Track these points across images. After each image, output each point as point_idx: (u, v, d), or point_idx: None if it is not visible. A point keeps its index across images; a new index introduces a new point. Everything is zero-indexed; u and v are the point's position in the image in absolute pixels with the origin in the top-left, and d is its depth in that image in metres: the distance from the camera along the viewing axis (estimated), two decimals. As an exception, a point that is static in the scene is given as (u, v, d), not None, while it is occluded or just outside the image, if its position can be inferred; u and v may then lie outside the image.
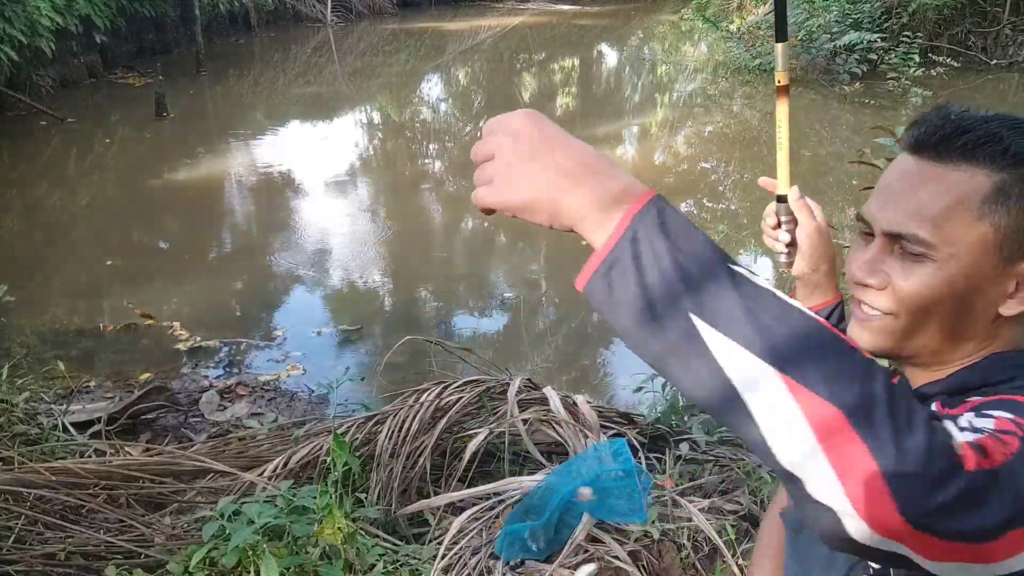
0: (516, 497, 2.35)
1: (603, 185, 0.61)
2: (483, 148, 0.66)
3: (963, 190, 0.77)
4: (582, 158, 0.62)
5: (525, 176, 0.62)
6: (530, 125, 0.64)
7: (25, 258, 5.66)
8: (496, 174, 0.64)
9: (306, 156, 8.21)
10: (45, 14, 8.99)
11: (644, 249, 0.58)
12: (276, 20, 16.27)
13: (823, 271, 1.12)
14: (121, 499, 2.57)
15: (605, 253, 0.59)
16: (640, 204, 0.60)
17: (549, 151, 0.63)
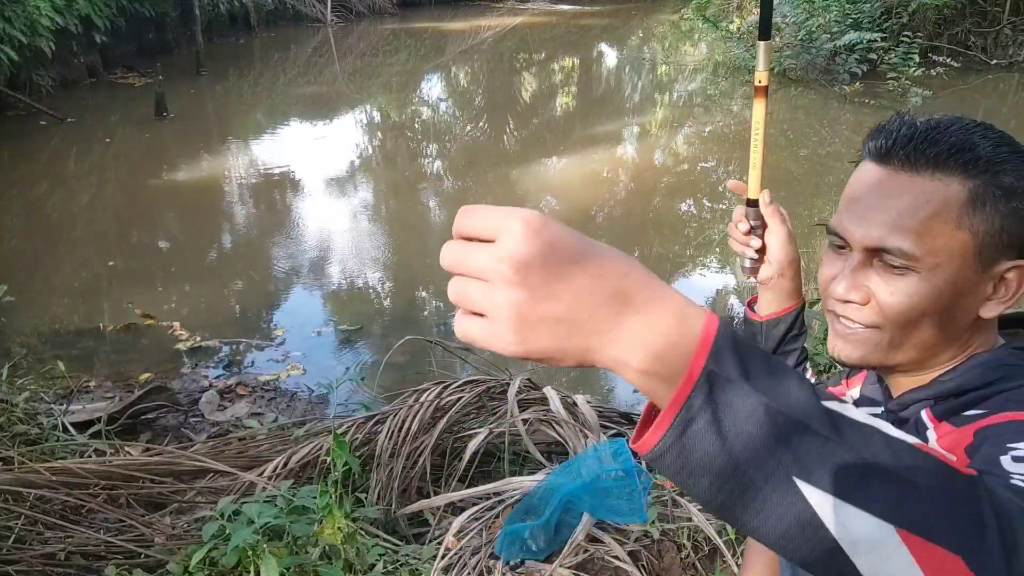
0: (516, 497, 2.35)
1: (649, 322, 0.47)
2: (465, 261, 0.48)
3: (941, 200, 0.76)
4: (616, 284, 0.47)
5: (540, 322, 0.46)
6: (538, 248, 0.46)
7: (25, 258, 5.66)
8: (494, 311, 0.47)
9: (306, 156, 8.21)
10: (45, 14, 8.99)
11: (724, 404, 0.46)
12: (276, 20, 16.27)
13: (789, 276, 1.11)
14: (121, 499, 2.57)
15: (672, 415, 0.46)
16: (706, 345, 0.47)
17: (569, 284, 0.47)
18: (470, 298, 0.48)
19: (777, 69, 10.43)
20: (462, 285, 0.48)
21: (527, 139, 9.68)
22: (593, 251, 0.49)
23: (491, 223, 0.47)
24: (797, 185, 7.12)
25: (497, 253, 0.47)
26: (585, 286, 0.47)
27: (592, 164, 7.99)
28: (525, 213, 0.47)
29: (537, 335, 0.47)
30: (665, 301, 0.48)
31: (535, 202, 7.10)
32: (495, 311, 0.47)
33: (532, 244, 0.46)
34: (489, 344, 0.48)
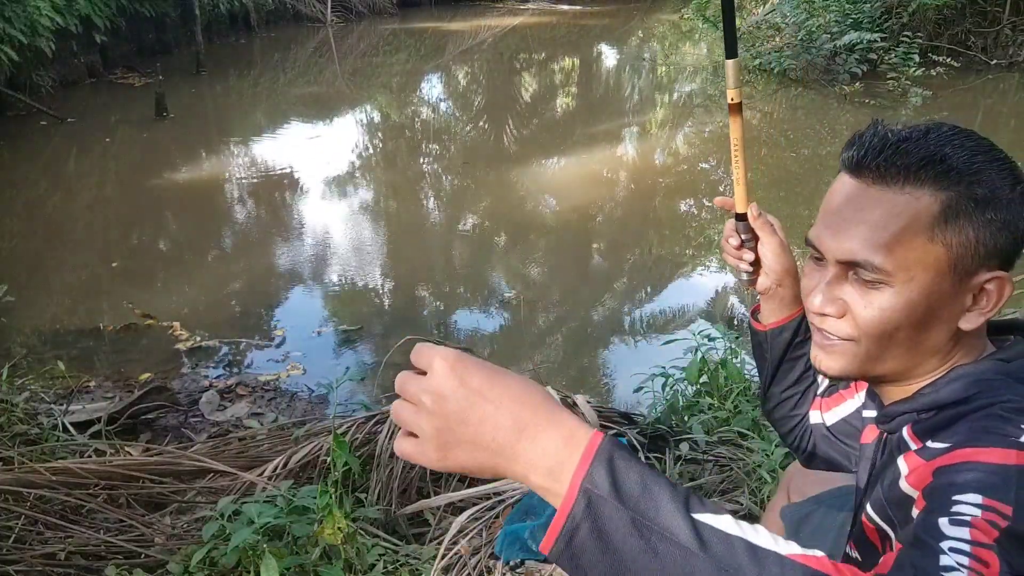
0: (516, 497, 2.35)
1: (541, 446, 0.56)
2: (402, 388, 0.60)
3: (912, 213, 0.76)
4: (513, 413, 0.57)
5: (456, 445, 0.57)
6: (453, 382, 0.57)
7: (25, 258, 5.66)
8: (420, 432, 0.58)
9: (306, 156, 8.21)
10: (45, 14, 8.99)
11: (599, 516, 0.54)
12: (276, 20, 16.26)
13: (787, 285, 1.11)
14: (121, 499, 2.57)
15: (559, 525, 0.55)
16: (585, 464, 0.55)
17: (474, 411, 0.57)
18: (404, 419, 0.59)
19: (777, 69, 10.43)
20: (401, 407, 0.60)
21: (527, 139, 9.68)
22: (497, 383, 0.58)
23: (425, 358, 0.59)
24: (797, 185, 7.13)
25: (422, 385, 0.58)
26: (489, 414, 0.57)
27: (592, 164, 7.98)
28: (443, 352, 0.58)
29: (455, 454, 0.58)
30: (554, 426, 0.57)
31: (535, 202, 7.10)
32: (421, 432, 0.58)
33: (447, 379, 0.58)
34: (418, 460, 0.59)
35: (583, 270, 5.80)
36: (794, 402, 1.16)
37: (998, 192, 0.76)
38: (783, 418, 1.18)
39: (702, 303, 4.98)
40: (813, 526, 1.30)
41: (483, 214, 6.88)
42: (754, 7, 12.82)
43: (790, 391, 1.16)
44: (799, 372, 1.15)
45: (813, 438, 1.16)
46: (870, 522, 0.83)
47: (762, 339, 1.16)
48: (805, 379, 1.16)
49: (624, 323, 4.95)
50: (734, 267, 1.12)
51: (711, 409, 2.92)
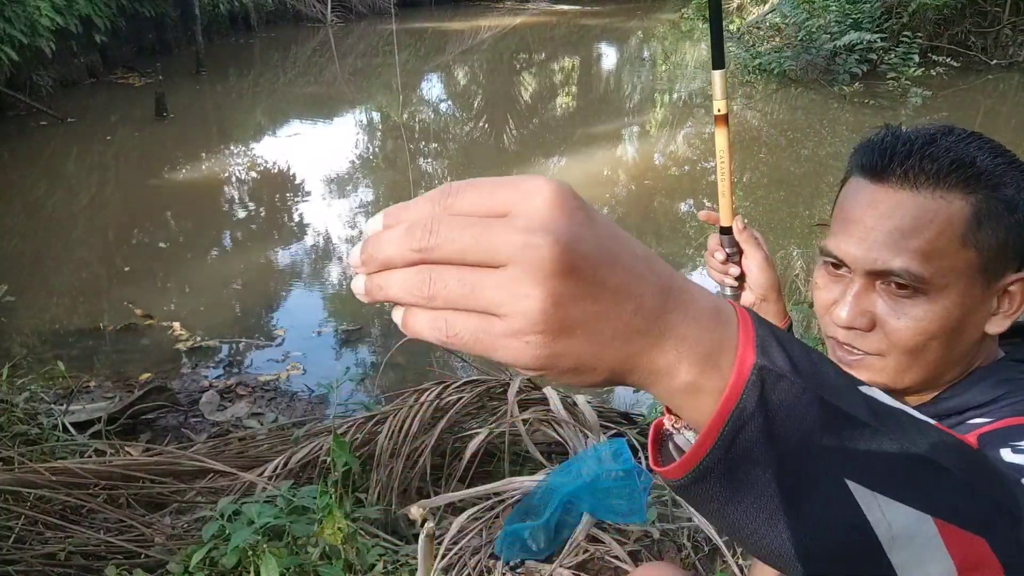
0: (516, 497, 2.35)
1: (694, 318, 0.39)
2: (480, 239, 0.37)
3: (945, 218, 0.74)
4: (658, 271, 0.39)
5: (580, 322, 0.37)
6: (581, 215, 0.37)
7: (25, 258, 5.65)
8: (515, 305, 0.36)
9: (306, 156, 8.21)
10: (45, 14, 8.99)
11: (777, 405, 0.40)
12: (276, 20, 16.26)
13: (772, 300, 1.08)
14: (121, 499, 2.57)
15: (719, 426, 0.39)
16: (750, 337, 0.40)
17: (622, 271, 0.37)
18: (476, 288, 0.37)
19: (777, 69, 10.42)
20: (461, 274, 0.37)
21: (527, 139, 9.68)
22: (627, 238, 0.39)
23: (510, 190, 0.37)
24: (797, 185, 7.12)
25: (530, 223, 0.36)
26: (633, 272, 0.38)
27: (592, 164, 7.99)
28: (554, 182, 0.37)
29: (571, 338, 0.37)
30: (698, 291, 0.40)
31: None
32: (517, 305, 0.36)
33: (575, 217, 0.37)
34: (497, 350, 0.37)
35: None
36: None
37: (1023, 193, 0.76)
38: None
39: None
40: None
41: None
42: (754, 7, 12.82)
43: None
44: None
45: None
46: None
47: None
48: None
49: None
50: (718, 282, 1.08)
51: (711, 409, 2.92)
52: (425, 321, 0.38)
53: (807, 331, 3.86)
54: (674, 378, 0.39)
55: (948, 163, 0.75)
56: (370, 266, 0.39)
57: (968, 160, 0.75)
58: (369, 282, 0.39)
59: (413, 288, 0.38)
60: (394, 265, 0.38)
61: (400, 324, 0.39)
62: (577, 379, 0.39)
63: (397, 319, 0.39)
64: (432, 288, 0.37)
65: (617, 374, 0.39)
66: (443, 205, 0.38)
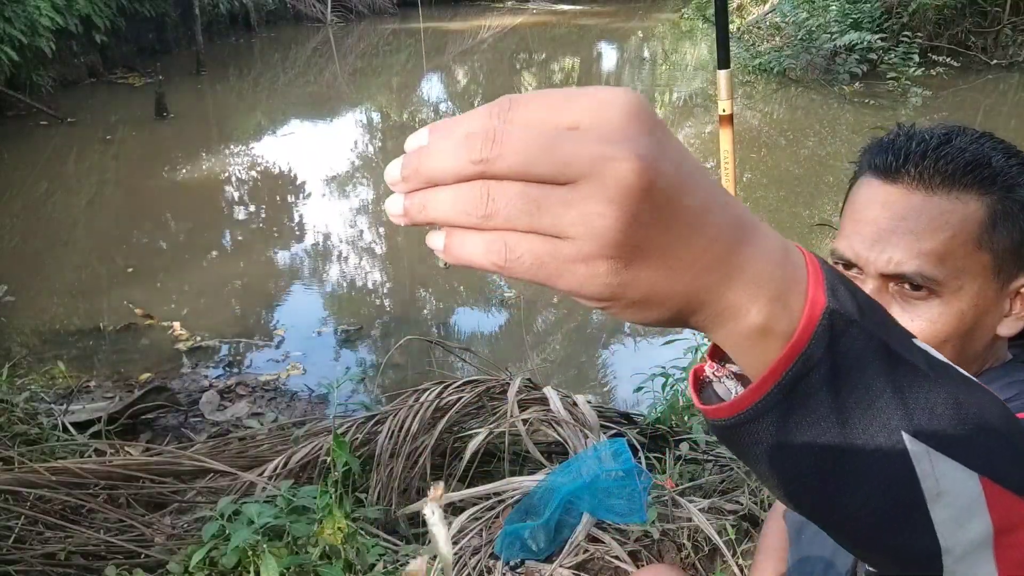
0: (516, 497, 2.35)
1: (766, 254, 0.37)
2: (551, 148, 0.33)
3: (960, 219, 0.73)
4: (730, 202, 0.36)
5: (653, 250, 0.34)
6: (660, 133, 0.34)
7: (25, 258, 5.66)
8: (588, 225, 0.33)
9: (306, 156, 8.21)
10: (45, 14, 8.99)
11: (844, 351, 0.38)
12: (276, 20, 16.26)
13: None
14: (121, 499, 2.57)
15: (784, 367, 0.37)
16: (819, 278, 0.38)
17: (702, 195, 0.35)
18: (542, 206, 0.33)
19: (777, 69, 10.42)
20: (525, 190, 0.33)
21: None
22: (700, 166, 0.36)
23: (580, 106, 0.33)
24: (798, 185, 7.12)
25: (610, 140, 0.32)
26: (709, 199, 0.35)
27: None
28: (632, 92, 0.34)
29: (643, 267, 0.34)
30: (767, 227, 0.38)
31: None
32: (590, 226, 0.32)
33: (655, 132, 0.34)
34: (562, 276, 0.34)
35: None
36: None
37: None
38: None
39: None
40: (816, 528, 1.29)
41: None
42: (754, 7, 12.82)
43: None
44: None
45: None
46: None
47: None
48: None
49: (624, 323, 4.95)
50: None
51: (711, 409, 2.92)
52: (478, 244, 0.34)
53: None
54: (743, 319, 0.37)
55: (964, 163, 0.73)
56: (412, 182, 0.35)
57: (984, 160, 0.74)
58: (410, 201, 0.35)
59: (467, 206, 0.34)
60: (444, 180, 0.34)
61: (441, 250, 0.36)
62: (641, 314, 0.36)
63: (436, 244, 0.36)
64: (491, 205, 0.33)
65: (683, 312, 0.37)
66: (504, 118, 0.34)
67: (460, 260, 0.35)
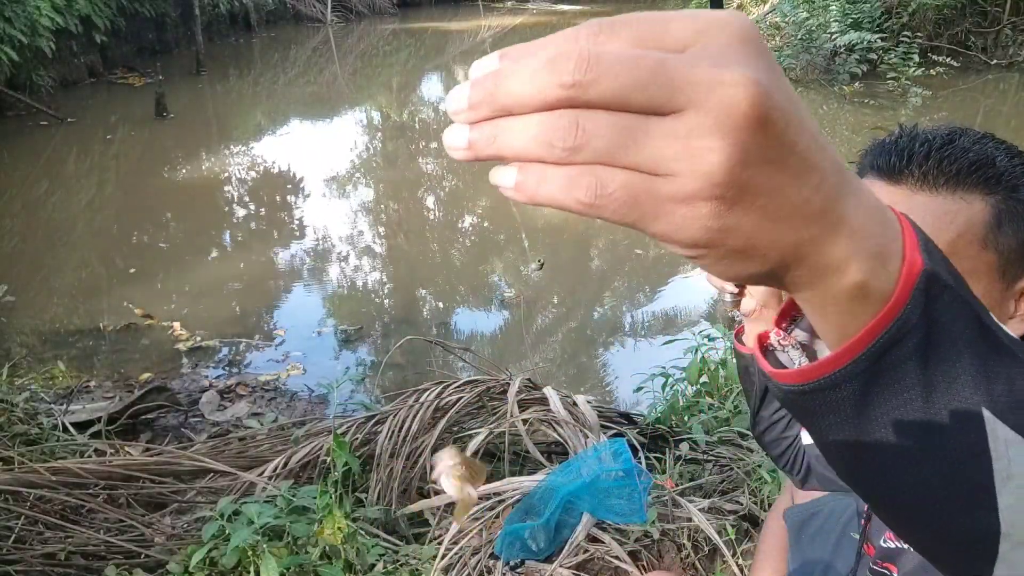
0: (516, 497, 2.35)
1: (866, 208, 0.34)
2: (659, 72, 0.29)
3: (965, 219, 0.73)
4: (834, 153, 0.33)
5: (759, 193, 0.31)
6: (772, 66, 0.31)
7: (25, 258, 5.66)
8: (693, 167, 0.29)
9: (306, 156, 8.21)
10: (45, 14, 8.99)
11: (938, 318, 0.35)
12: (276, 20, 16.26)
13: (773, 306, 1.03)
14: (121, 499, 2.57)
15: (879, 331, 0.35)
16: (914, 239, 0.36)
17: (809, 137, 0.32)
18: (640, 138, 0.29)
19: (777, 69, 10.42)
20: (621, 120, 0.29)
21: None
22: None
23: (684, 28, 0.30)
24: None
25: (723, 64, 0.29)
26: (816, 140, 0.32)
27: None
28: (742, 14, 0.32)
29: (748, 210, 0.31)
30: (861, 181, 0.35)
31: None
32: (696, 161, 0.29)
33: (768, 59, 0.31)
34: (658, 218, 0.31)
35: (583, 270, 5.80)
36: (784, 424, 1.14)
37: None
38: (774, 441, 1.16)
39: (702, 303, 4.97)
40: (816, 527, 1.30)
41: (483, 213, 6.88)
42: (754, 7, 12.82)
43: (780, 413, 1.14)
44: None
45: (806, 459, 1.13)
46: None
47: (748, 362, 1.11)
48: None
49: (624, 323, 4.95)
50: (718, 288, 1.05)
51: (711, 409, 2.92)
52: (560, 180, 0.30)
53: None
54: (842, 276, 0.34)
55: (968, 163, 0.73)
56: (482, 110, 0.31)
57: (988, 160, 0.73)
58: (478, 132, 0.31)
59: (552, 137, 0.30)
60: (523, 108, 0.30)
61: (511, 187, 0.32)
62: (736, 267, 0.33)
63: (506, 180, 0.32)
64: (580, 137, 0.30)
65: (783, 265, 0.33)
66: (595, 40, 0.30)
67: (536, 198, 0.31)
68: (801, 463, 1.15)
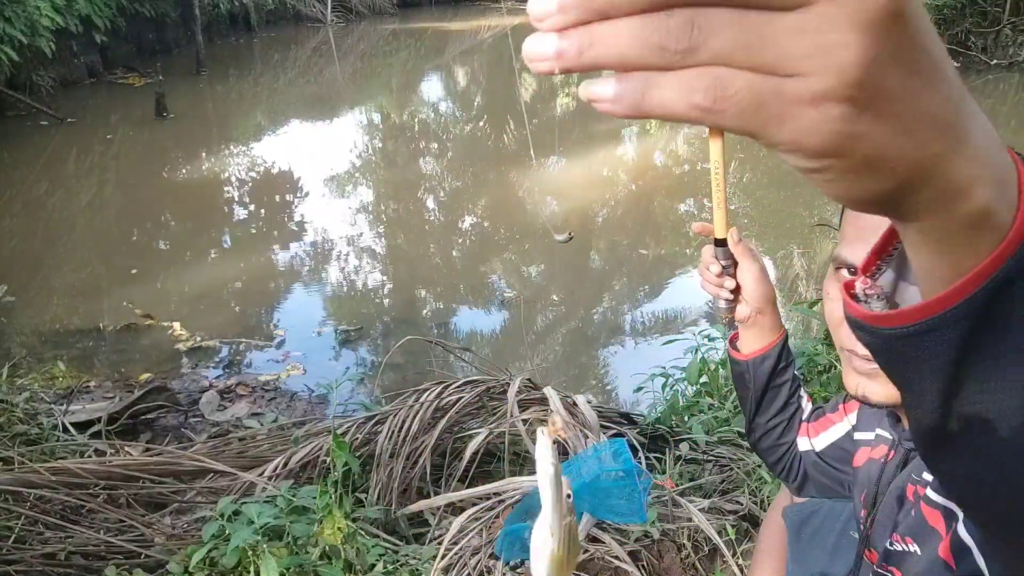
0: (516, 497, 2.35)
1: (988, 131, 0.33)
2: None
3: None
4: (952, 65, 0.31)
5: (892, 97, 0.29)
6: None
7: (25, 258, 5.66)
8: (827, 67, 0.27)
9: (306, 156, 8.21)
10: (45, 14, 8.99)
11: None
12: (276, 20, 16.27)
13: (768, 312, 1.05)
14: (121, 499, 2.57)
15: (994, 267, 0.33)
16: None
17: (938, 49, 0.30)
18: (765, 35, 0.27)
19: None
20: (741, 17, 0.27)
21: (527, 139, 9.67)
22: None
23: None
24: (798, 186, 7.12)
25: None
26: (943, 48, 0.30)
27: (592, 164, 7.98)
28: None
29: (879, 116, 0.29)
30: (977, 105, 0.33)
31: (537, 203, 7.10)
32: (828, 58, 0.27)
33: None
34: (784, 122, 0.28)
35: (583, 270, 5.80)
36: (781, 430, 1.13)
37: None
38: (770, 447, 1.15)
39: (702, 303, 4.98)
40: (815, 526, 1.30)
41: (483, 214, 6.88)
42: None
43: (776, 419, 1.13)
44: (784, 399, 1.12)
45: (803, 465, 1.13)
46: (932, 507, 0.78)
47: (744, 368, 1.12)
48: (790, 406, 1.12)
49: (624, 323, 4.95)
50: (713, 295, 1.05)
51: (711, 409, 2.92)
52: (673, 84, 0.28)
53: (807, 332, 3.87)
54: (967, 200, 0.32)
55: None
56: (572, 14, 0.28)
57: None
58: (568, 39, 0.29)
59: (662, 38, 0.27)
60: (621, 10, 0.28)
61: (610, 98, 0.30)
62: (863, 182, 0.30)
63: (603, 92, 0.30)
64: (696, 36, 0.27)
65: (908, 185, 0.31)
66: None
67: (643, 107, 0.29)
68: (798, 470, 1.14)
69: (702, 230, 1.05)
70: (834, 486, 1.09)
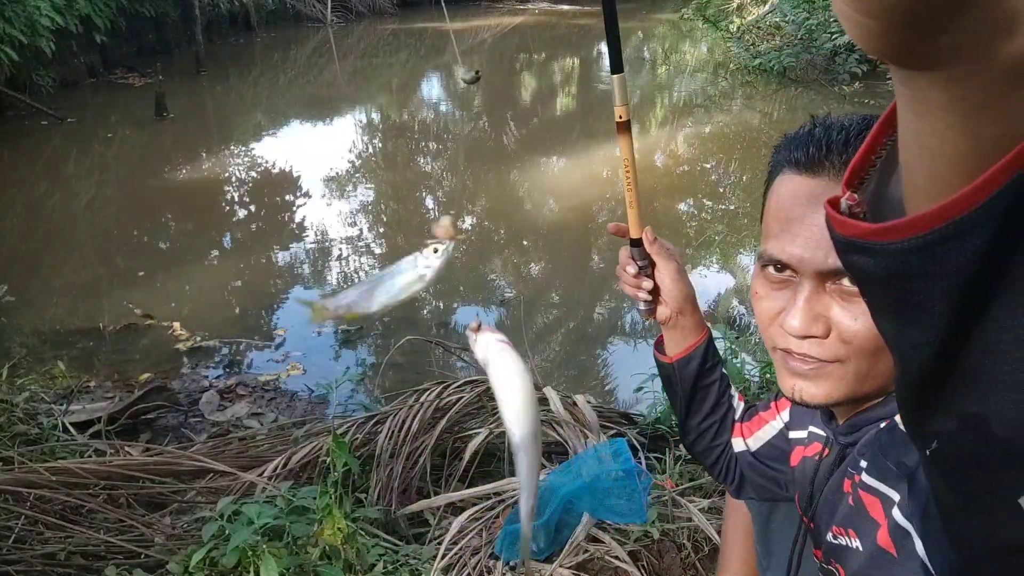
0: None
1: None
2: None
3: None
4: None
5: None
6: None
7: (25, 258, 5.65)
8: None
9: (306, 156, 8.21)
10: (45, 14, 8.99)
11: None
12: (276, 20, 16.27)
13: (688, 312, 1.04)
14: (121, 499, 2.57)
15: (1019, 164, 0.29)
16: None
17: None
18: None
19: (777, 69, 10.43)
20: None
21: (527, 139, 9.67)
22: None
23: None
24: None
25: None
26: None
27: (592, 164, 7.98)
28: None
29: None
30: None
31: (536, 203, 7.09)
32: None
33: None
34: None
35: (583, 270, 5.80)
36: (713, 432, 1.10)
37: None
38: (705, 450, 1.12)
39: (701, 303, 4.97)
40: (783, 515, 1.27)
41: (483, 214, 6.88)
42: (754, 7, 12.83)
43: (707, 421, 1.11)
44: (713, 400, 1.10)
45: (739, 467, 1.10)
46: (869, 492, 0.76)
47: (669, 371, 1.10)
48: (721, 406, 1.10)
49: (624, 323, 4.95)
50: (632, 296, 1.04)
51: (711, 409, 2.92)
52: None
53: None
54: (1012, 39, 0.28)
55: None
56: None
57: None
58: None
59: None
60: None
61: None
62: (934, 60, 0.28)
63: None
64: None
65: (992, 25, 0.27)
66: None
67: None
68: (734, 471, 1.11)
69: (616, 230, 1.03)
70: (771, 486, 1.06)
